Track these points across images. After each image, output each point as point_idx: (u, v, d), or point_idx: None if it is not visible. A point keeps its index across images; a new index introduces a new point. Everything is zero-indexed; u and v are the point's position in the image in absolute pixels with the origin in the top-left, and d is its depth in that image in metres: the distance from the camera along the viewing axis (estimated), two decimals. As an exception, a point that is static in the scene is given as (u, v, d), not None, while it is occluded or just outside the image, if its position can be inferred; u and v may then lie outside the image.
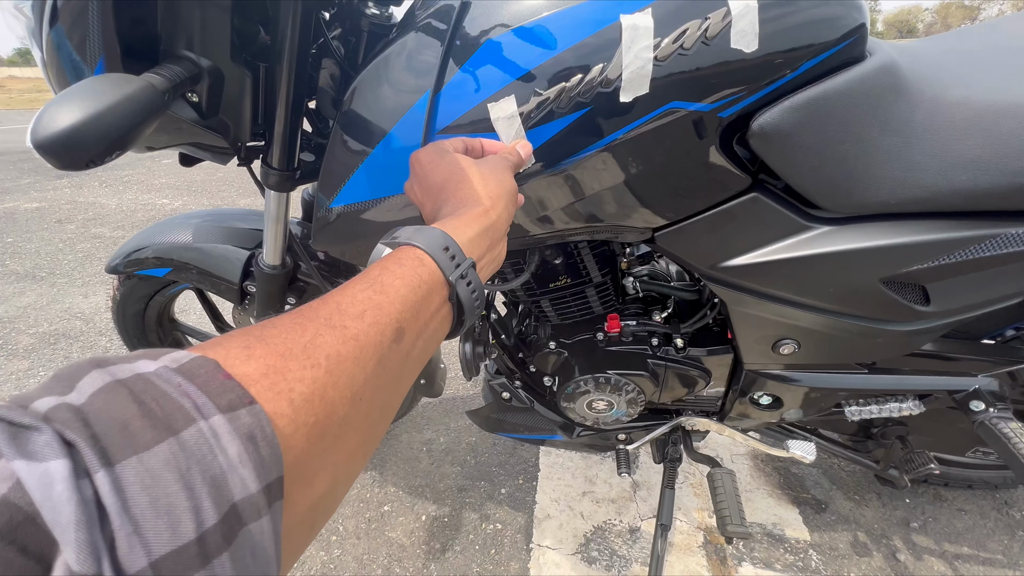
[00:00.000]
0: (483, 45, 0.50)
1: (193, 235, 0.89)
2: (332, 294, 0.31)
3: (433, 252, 0.36)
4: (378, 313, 0.30)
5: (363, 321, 0.29)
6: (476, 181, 0.45)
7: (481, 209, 0.43)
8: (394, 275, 0.34)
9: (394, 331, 0.31)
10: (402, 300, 0.32)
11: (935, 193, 0.57)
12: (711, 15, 0.47)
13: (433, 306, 0.35)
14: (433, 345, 0.37)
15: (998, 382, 0.75)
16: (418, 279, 0.34)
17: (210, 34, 0.53)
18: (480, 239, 0.41)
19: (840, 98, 0.54)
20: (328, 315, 0.29)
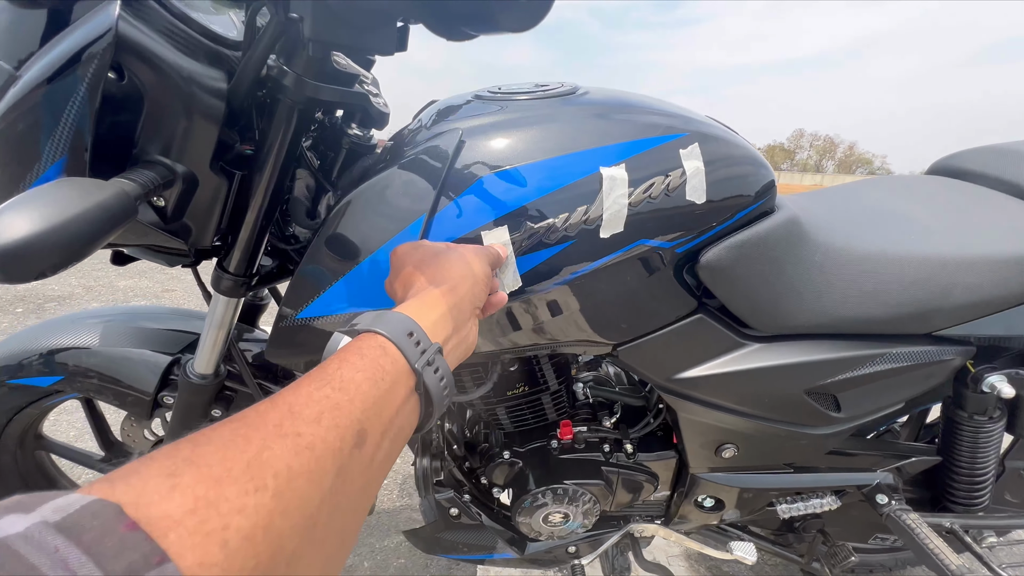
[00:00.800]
0: (477, 181, 0.55)
1: (98, 337, 0.77)
2: (282, 394, 0.28)
3: (396, 338, 0.35)
4: (337, 414, 0.28)
5: (320, 425, 0.26)
6: (442, 262, 0.45)
7: (446, 287, 0.42)
8: (354, 368, 0.31)
9: (356, 433, 0.28)
10: (364, 396, 0.30)
11: (836, 319, 0.69)
12: (671, 172, 0.57)
13: (399, 399, 0.33)
14: (399, 444, 0.34)
15: (892, 476, 0.86)
16: (381, 370, 0.32)
17: (193, 142, 0.52)
18: (444, 320, 0.40)
19: (763, 240, 0.65)
20: (278, 421, 0.25)
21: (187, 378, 0.72)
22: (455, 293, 0.43)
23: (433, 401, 0.36)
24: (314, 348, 0.61)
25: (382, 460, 0.31)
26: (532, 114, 0.58)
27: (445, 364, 0.37)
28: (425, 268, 0.45)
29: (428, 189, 0.54)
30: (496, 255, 0.52)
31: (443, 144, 0.55)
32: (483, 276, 0.47)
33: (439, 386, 0.36)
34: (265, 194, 0.58)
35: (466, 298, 0.44)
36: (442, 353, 0.38)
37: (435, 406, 0.36)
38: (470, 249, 0.48)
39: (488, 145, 0.55)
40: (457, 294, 0.43)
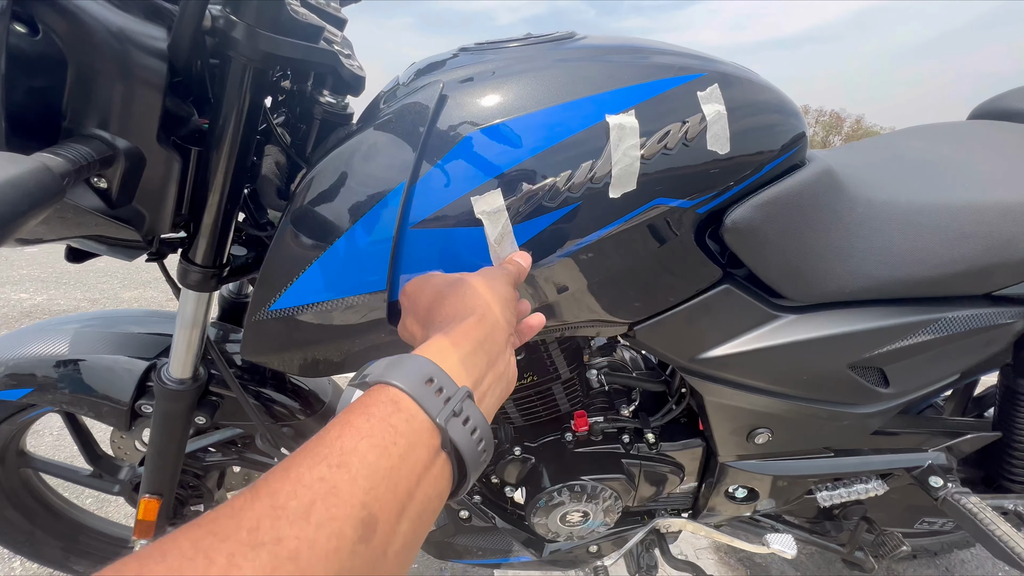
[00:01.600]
0: (463, 140, 0.47)
1: (69, 345, 0.71)
2: (267, 480, 0.23)
3: (412, 389, 0.28)
4: (333, 503, 0.22)
5: (309, 523, 0.21)
6: (463, 290, 0.38)
7: (473, 320, 0.35)
8: (358, 433, 0.25)
9: (359, 524, 0.22)
10: (370, 472, 0.24)
11: (882, 283, 0.61)
12: (688, 119, 0.49)
13: (419, 465, 0.26)
14: (426, 522, 0.27)
15: (945, 455, 0.78)
16: (393, 432, 0.26)
17: (133, 113, 0.45)
18: (475, 357, 0.33)
19: (795, 196, 0.57)
20: (254, 523, 0.20)
21: (163, 384, 0.66)
22: (484, 323, 0.36)
23: (466, 460, 0.29)
24: (292, 343, 0.54)
25: (401, 548, 0.25)
26: (525, 62, 0.50)
27: (478, 412, 0.30)
28: (443, 302, 0.38)
29: (407, 153, 0.47)
30: (519, 269, 0.45)
31: (422, 100, 0.48)
32: (509, 300, 0.40)
33: (471, 440, 0.29)
34: (226, 173, 0.51)
35: (498, 326, 0.37)
36: (473, 399, 0.31)
37: (469, 466, 0.30)
38: (487, 274, 0.41)
39: (474, 98, 0.48)
40: (487, 323, 0.36)
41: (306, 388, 0.85)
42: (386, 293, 0.48)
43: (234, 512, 0.21)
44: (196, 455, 0.87)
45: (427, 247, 0.48)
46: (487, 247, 0.47)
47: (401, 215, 0.46)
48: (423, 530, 0.27)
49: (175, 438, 0.70)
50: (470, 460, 0.30)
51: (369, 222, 0.47)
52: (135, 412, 0.72)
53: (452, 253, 0.48)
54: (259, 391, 0.79)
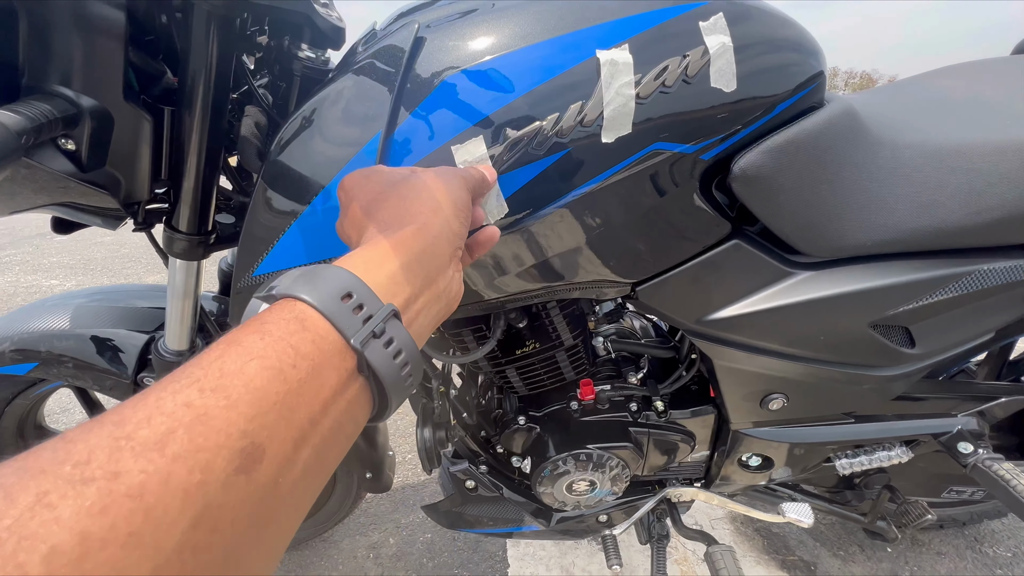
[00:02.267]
0: (441, 84, 0.44)
1: (71, 319, 0.72)
2: (119, 407, 0.19)
3: (323, 304, 0.24)
4: (200, 432, 0.18)
5: (163, 455, 0.17)
6: (403, 193, 0.33)
7: (413, 228, 0.31)
8: (246, 353, 0.22)
9: (236, 454, 0.19)
10: (256, 397, 0.20)
11: (908, 233, 0.56)
12: (689, 53, 0.44)
13: (325, 391, 0.23)
14: (338, 450, 0.24)
15: (976, 421, 0.73)
16: (292, 354, 0.22)
17: (95, 69, 0.43)
18: (408, 272, 0.29)
19: (811, 139, 0.52)
20: (84, 456, 0.16)
21: (161, 356, 0.66)
22: (426, 232, 0.32)
23: (386, 385, 0.26)
24: (279, 310, 0.53)
25: (301, 477, 0.22)
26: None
27: (404, 333, 0.27)
28: (381, 204, 0.34)
29: (381, 101, 0.43)
30: (480, 178, 0.40)
31: (397, 43, 0.44)
32: (462, 207, 0.35)
33: (392, 364, 0.26)
34: (201, 133, 0.49)
35: (441, 238, 0.32)
36: (400, 318, 0.27)
37: (390, 391, 0.26)
38: (441, 172, 0.37)
39: (452, 39, 0.44)
40: (429, 233, 0.32)
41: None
42: (368, 253, 0.46)
43: (60, 444, 0.17)
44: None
45: (408, 203, 0.45)
46: (472, 201, 0.44)
47: (378, 169, 0.43)
48: (332, 458, 0.24)
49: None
50: (391, 385, 0.26)
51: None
52: (138, 384, 0.72)
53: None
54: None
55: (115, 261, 3.71)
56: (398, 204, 0.33)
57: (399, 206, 0.33)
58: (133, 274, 3.43)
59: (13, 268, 3.53)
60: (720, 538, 1.20)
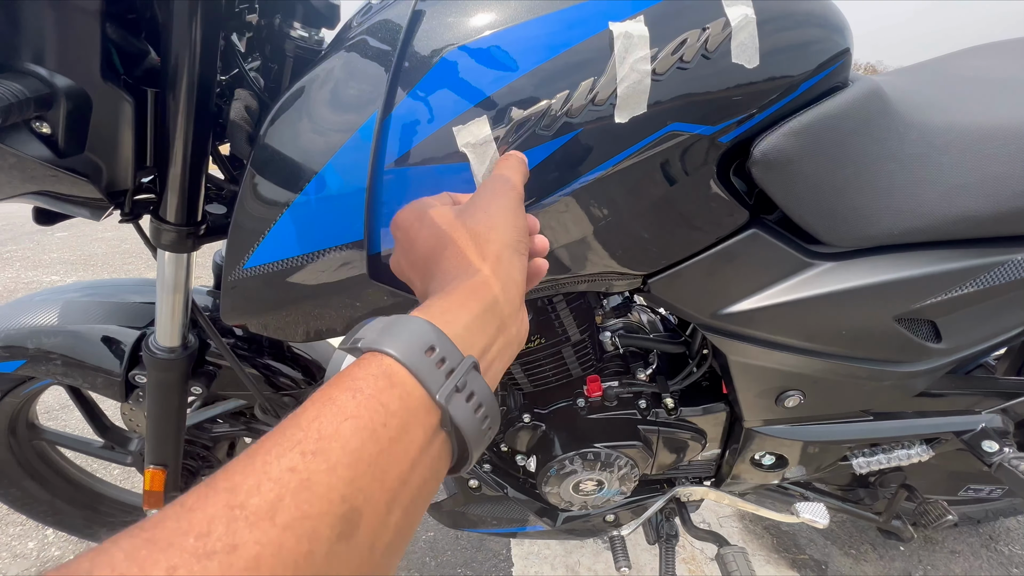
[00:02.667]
0: (440, 61, 0.41)
1: (60, 315, 0.69)
2: (228, 469, 0.19)
3: (409, 360, 0.24)
4: (305, 499, 0.19)
5: (274, 524, 0.18)
6: (463, 239, 0.32)
7: (481, 278, 0.30)
8: (341, 413, 0.21)
9: (339, 521, 0.19)
10: (353, 460, 0.20)
11: (937, 221, 0.53)
12: (709, 25, 0.41)
13: (413, 448, 0.23)
14: (420, 508, 0.24)
15: (1000, 418, 0.71)
16: (383, 413, 0.22)
17: (69, 46, 0.40)
18: (484, 320, 0.28)
19: (835, 122, 0.49)
20: (204, 527, 0.17)
21: (152, 353, 0.63)
22: (494, 282, 0.30)
23: (468, 440, 0.25)
24: (272, 304, 0.50)
25: (392, 540, 0.22)
26: (512, -32, 0.43)
27: (483, 385, 0.26)
28: (442, 255, 0.32)
29: (377, 79, 0.40)
30: (522, 171, 0.38)
31: (393, 17, 0.41)
32: (523, 236, 0.34)
33: (474, 418, 0.26)
34: (187, 117, 0.46)
35: (510, 283, 0.31)
36: (479, 368, 0.27)
37: (471, 445, 0.26)
38: (494, 199, 0.34)
39: (452, 12, 0.41)
40: (497, 282, 0.30)
41: (307, 355, 0.82)
42: (364, 243, 0.43)
43: (182, 513, 0.18)
44: (203, 426, 0.86)
45: (406, 188, 0.42)
46: (475, 186, 0.42)
47: (375, 153, 0.41)
48: (417, 515, 0.24)
49: (172, 408, 0.68)
50: (473, 439, 0.25)
51: (339, 163, 0.41)
52: (129, 382, 0.70)
53: (437, 193, 0.42)
54: (256, 359, 0.76)
55: (116, 256, 3.69)
56: (459, 255, 0.32)
57: (461, 257, 0.32)
58: (134, 270, 3.41)
59: (14, 264, 3.52)
60: (729, 536, 1.18)
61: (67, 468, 0.96)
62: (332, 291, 0.47)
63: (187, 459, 0.87)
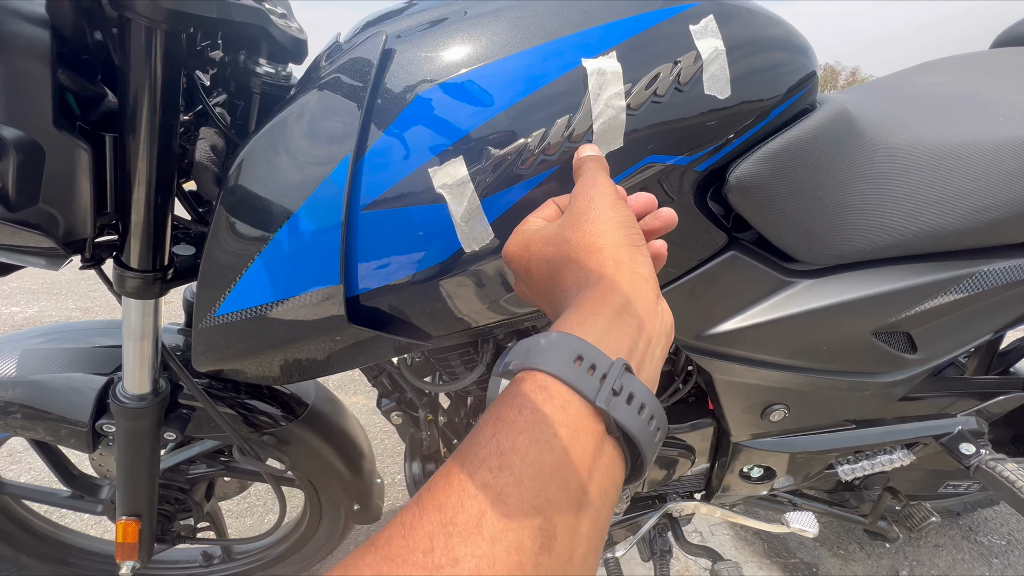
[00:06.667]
0: (415, 100, 0.40)
1: (18, 364, 0.65)
2: (431, 488, 0.22)
3: (560, 371, 0.25)
4: (503, 511, 0.21)
5: (483, 537, 0.20)
6: (575, 255, 0.31)
7: (603, 285, 0.29)
8: (512, 429, 0.23)
9: (537, 532, 0.21)
10: (536, 471, 0.22)
11: (908, 237, 0.54)
12: (681, 59, 0.41)
13: (587, 456, 0.23)
14: (606, 516, 0.24)
15: (975, 420, 0.73)
16: (550, 423, 0.23)
17: (19, 95, 0.38)
18: (620, 324, 0.28)
19: (806, 145, 0.50)
20: (427, 543, 0.20)
21: (120, 402, 0.60)
22: (618, 283, 0.29)
23: (639, 442, 0.25)
24: (246, 350, 0.48)
25: (587, 551, 0.23)
26: (483, 4, 0.42)
27: (641, 385, 0.26)
28: (558, 277, 0.32)
29: (350, 121, 0.39)
30: (599, 159, 0.38)
31: (364, 55, 0.40)
32: (631, 225, 0.33)
33: (639, 420, 0.25)
34: (149, 161, 0.44)
35: (636, 279, 0.30)
36: (631, 370, 0.26)
37: (644, 448, 0.26)
38: (592, 200, 0.33)
39: (424, 50, 0.40)
40: (621, 285, 0.29)
41: (286, 392, 0.79)
42: (341, 287, 0.42)
43: (405, 531, 0.20)
44: (178, 468, 0.82)
45: (383, 231, 0.41)
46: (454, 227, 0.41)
47: (348, 196, 0.39)
48: (604, 526, 0.24)
49: (143, 457, 0.65)
50: (643, 441, 0.25)
51: (312, 207, 0.40)
52: (97, 432, 0.66)
53: (414, 235, 0.41)
54: (233, 399, 0.73)
55: (81, 283, 3.55)
56: (577, 271, 0.31)
57: (580, 272, 0.31)
58: (101, 297, 3.28)
59: (-31, 296, 3.35)
60: (721, 543, 1.19)
61: (32, 520, 0.91)
62: (310, 334, 0.45)
63: (163, 504, 0.83)
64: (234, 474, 0.86)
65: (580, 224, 0.32)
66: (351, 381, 1.82)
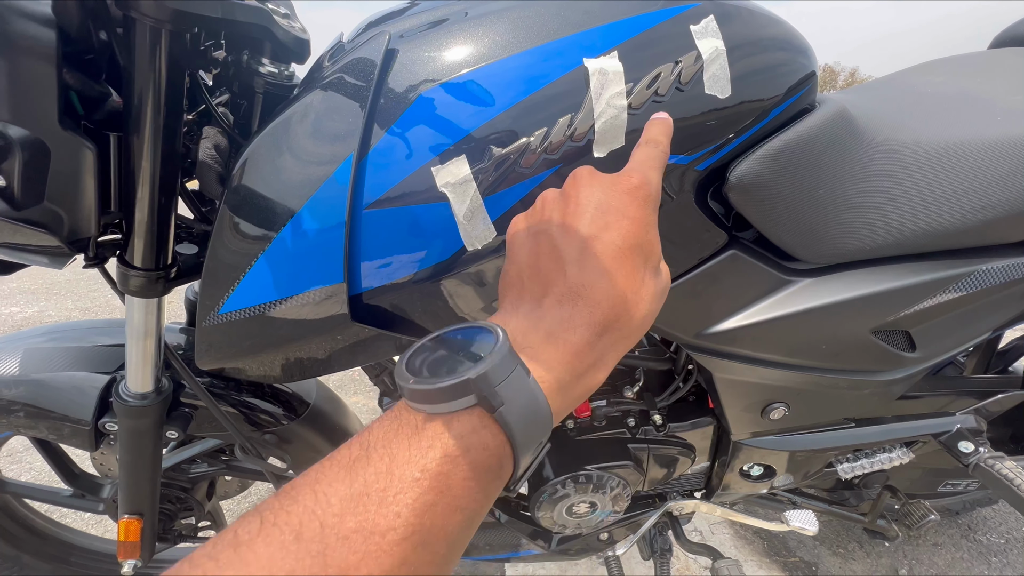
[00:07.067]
0: (418, 99, 0.40)
1: (20, 363, 0.66)
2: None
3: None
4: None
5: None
6: (586, 285, 0.29)
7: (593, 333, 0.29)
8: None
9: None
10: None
11: (906, 236, 0.55)
12: (682, 59, 0.42)
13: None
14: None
15: (974, 418, 0.73)
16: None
17: (24, 95, 0.38)
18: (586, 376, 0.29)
19: (806, 145, 0.50)
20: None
21: (123, 401, 0.60)
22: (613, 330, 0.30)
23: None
24: (249, 349, 0.48)
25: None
26: (485, 4, 0.43)
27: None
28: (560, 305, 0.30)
29: (353, 120, 0.40)
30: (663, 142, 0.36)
31: (367, 55, 0.41)
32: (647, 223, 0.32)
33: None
34: (153, 160, 0.45)
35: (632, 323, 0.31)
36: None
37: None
38: (612, 189, 0.32)
39: (427, 50, 0.41)
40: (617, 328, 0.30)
41: (287, 390, 0.80)
42: (344, 285, 0.42)
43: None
44: (180, 467, 0.82)
45: (387, 229, 0.41)
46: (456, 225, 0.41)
47: (352, 195, 0.40)
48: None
49: (145, 456, 0.65)
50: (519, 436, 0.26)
51: (316, 206, 0.40)
52: (99, 431, 0.66)
53: (418, 234, 0.42)
54: (235, 397, 0.73)
55: (81, 283, 3.54)
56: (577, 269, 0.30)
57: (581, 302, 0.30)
58: (102, 297, 3.28)
59: (-31, 296, 3.34)
60: (721, 542, 1.19)
61: (33, 519, 0.91)
62: (313, 332, 0.46)
63: (164, 503, 0.83)
64: (235, 473, 0.86)
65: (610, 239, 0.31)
66: (351, 381, 1.82)
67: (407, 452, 0.22)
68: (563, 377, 0.27)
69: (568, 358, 0.28)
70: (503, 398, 0.24)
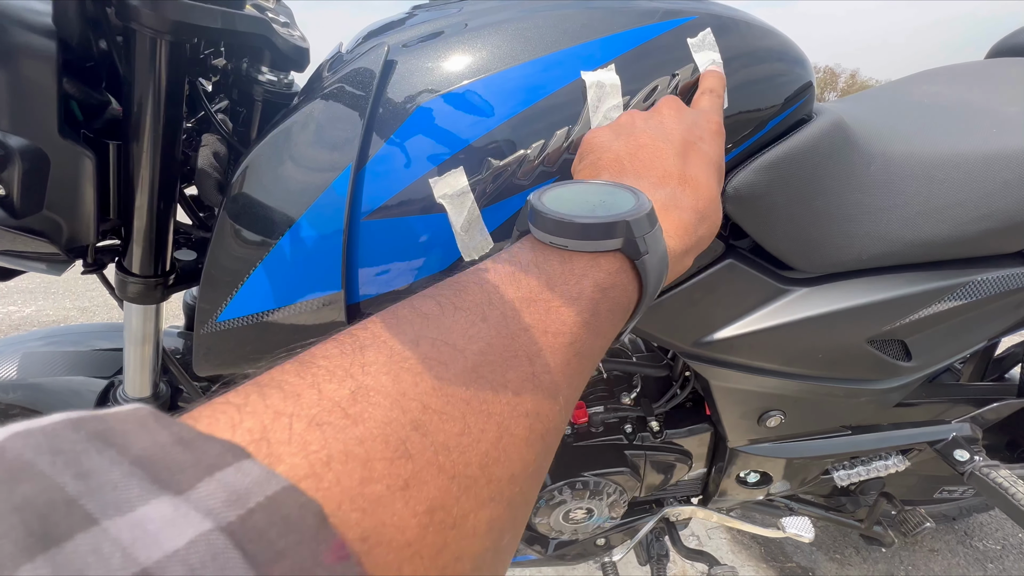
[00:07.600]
0: (417, 110, 0.40)
1: (18, 367, 0.66)
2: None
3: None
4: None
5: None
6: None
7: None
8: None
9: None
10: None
11: (902, 246, 0.55)
12: (679, 71, 0.42)
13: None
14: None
15: (969, 426, 0.73)
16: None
17: (25, 104, 0.38)
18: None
19: (803, 156, 0.50)
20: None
21: (120, 406, 0.60)
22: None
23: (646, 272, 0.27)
24: (247, 355, 0.49)
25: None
26: (481, 16, 0.43)
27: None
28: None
29: (351, 131, 0.40)
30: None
31: (366, 66, 0.41)
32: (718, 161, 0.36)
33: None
34: (152, 168, 0.45)
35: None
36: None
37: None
38: (701, 117, 0.37)
39: (425, 61, 0.41)
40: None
41: (285, 395, 0.80)
42: (342, 293, 0.42)
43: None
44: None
45: (385, 239, 0.41)
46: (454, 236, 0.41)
47: (350, 204, 0.40)
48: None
49: (143, 461, 0.65)
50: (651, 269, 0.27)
51: (314, 215, 0.40)
52: (97, 435, 0.66)
53: (414, 244, 0.42)
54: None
55: (79, 283, 3.54)
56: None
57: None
58: (99, 297, 3.27)
59: (-33, 295, 3.34)
60: (718, 547, 1.19)
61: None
62: (311, 339, 0.46)
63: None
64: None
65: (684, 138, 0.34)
66: (350, 383, 1.82)
67: (562, 275, 0.23)
68: (675, 247, 0.29)
69: (680, 232, 0.29)
70: (648, 247, 0.25)
